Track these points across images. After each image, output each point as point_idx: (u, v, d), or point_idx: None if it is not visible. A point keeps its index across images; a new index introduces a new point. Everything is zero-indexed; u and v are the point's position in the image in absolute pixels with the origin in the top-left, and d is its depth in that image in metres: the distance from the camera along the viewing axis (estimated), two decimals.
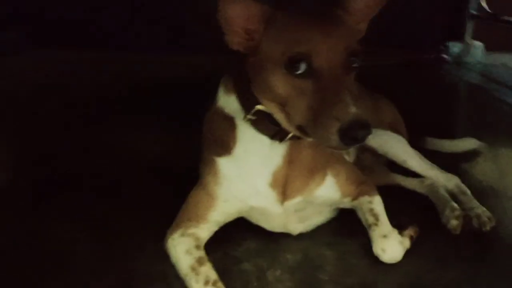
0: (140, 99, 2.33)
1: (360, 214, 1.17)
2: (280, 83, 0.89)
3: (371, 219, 1.12)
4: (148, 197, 1.40)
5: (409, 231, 1.13)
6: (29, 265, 1.10)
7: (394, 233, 1.09)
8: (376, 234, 1.09)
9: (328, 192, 1.13)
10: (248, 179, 1.05)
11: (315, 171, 1.10)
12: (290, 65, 0.86)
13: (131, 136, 1.85)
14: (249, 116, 0.98)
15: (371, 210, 1.14)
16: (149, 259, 1.11)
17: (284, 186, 1.06)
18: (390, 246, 1.07)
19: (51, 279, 1.05)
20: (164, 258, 1.06)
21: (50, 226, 1.25)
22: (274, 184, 1.05)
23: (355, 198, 1.18)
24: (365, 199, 1.17)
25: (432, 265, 1.09)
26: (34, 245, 1.18)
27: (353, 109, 0.81)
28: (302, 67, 0.86)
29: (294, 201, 1.09)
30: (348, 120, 0.80)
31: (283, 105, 0.91)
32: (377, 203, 1.16)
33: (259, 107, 0.96)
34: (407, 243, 1.11)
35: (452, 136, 1.75)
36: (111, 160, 1.65)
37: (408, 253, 1.12)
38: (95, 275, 1.06)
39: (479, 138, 1.67)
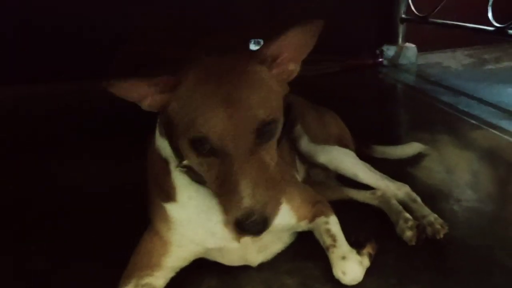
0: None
1: (317, 236, 1.14)
2: (189, 154, 0.86)
3: (328, 241, 1.10)
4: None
5: (367, 249, 1.12)
6: None
7: (352, 254, 1.07)
8: (335, 257, 1.06)
9: (284, 219, 1.09)
10: (201, 222, 0.99)
11: None
12: (194, 145, 0.83)
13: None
14: (179, 168, 0.94)
15: (328, 231, 1.12)
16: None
17: None
18: (350, 267, 1.05)
19: None
20: None
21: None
22: (228, 223, 0.99)
23: (311, 220, 1.16)
24: (321, 220, 1.15)
25: (396, 280, 1.08)
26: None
27: (247, 203, 0.78)
28: (206, 147, 0.82)
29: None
30: (241, 214, 0.79)
31: None
32: (333, 223, 1.15)
33: (185, 162, 0.92)
34: (366, 261, 1.09)
35: (395, 138, 1.80)
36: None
37: (369, 271, 1.11)
38: None
39: (421, 138, 1.73)
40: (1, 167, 1.56)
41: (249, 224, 0.79)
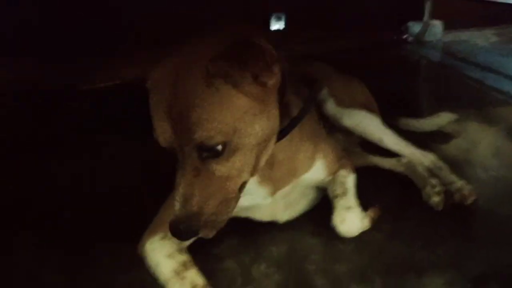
0: None
1: (329, 187, 1.14)
2: None
3: (339, 190, 1.10)
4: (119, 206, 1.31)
5: (371, 212, 1.11)
6: None
7: (357, 208, 1.08)
8: (340, 205, 1.07)
9: (317, 173, 1.11)
10: None
11: (303, 156, 1.07)
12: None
13: None
14: None
15: (343, 183, 1.12)
16: (125, 269, 1.03)
17: (273, 179, 1.01)
18: (351, 218, 1.06)
19: None
20: (140, 265, 0.99)
21: (9, 263, 1.12)
22: (262, 181, 1.00)
23: (334, 173, 1.16)
24: (341, 172, 1.15)
25: (420, 244, 1.07)
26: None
27: (177, 211, 0.79)
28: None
29: (284, 190, 1.05)
30: (171, 219, 0.80)
31: None
32: (350, 180, 1.15)
33: None
34: (366, 222, 1.09)
35: (420, 112, 1.75)
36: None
37: (392, 235, 1.10)
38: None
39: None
40: (1, 167, 1.54)
41: (175, 231, 0.79)
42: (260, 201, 1.04)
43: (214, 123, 0.75)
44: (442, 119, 1.58)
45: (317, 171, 1.11)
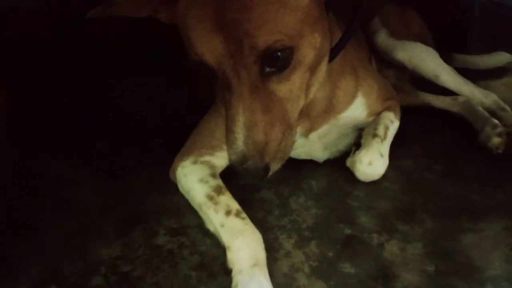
0: None
1: (372, 124, 1.03)
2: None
3: (380, 132, 1.00)
4: (152, 132, 1.26)
5: None
6: (25, 207, 0.98)
7: (387, 160, 0.99)
8: (375, 147, 0.97)
9: (354, 112, 0.99)
10: None
11: (343, 93, 0.95)
12: (199, 68, 0.70)
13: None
14: None
15: (387, 127, 1.02)
16: (159, 192, 0.99)
17: (307, 118, 0.92)
18: (378, 166, 0.97)
19: (51, 220, 0.93)
20: (174, 189, 0.95)
21: (47, 165, 1.12)
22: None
23: (378, 114, 1.06)
24: (387, 114, 1.05)
25: (475, 188, 0.97)
26: (30, 185, 1.05)
27: (240, 146, 0.66)
28: (209, 72, 0.70)
29: (320, 131, 0.96)
30: (234, 159, 0.67)
31: None
32: (395, 127, 1.05)
33: None
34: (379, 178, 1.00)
35: (475, 51, 1.59)
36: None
37: (448, 175, 1.01)
38: (103, 212, 0.95)
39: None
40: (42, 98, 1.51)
41: (243, 170, 0.67)
42: None
43: (279, 24, 0.63)
44: (499, 59, 1.44)
45: (357, 110, 0.99)
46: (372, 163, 0.96)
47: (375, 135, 0.99)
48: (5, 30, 1.40)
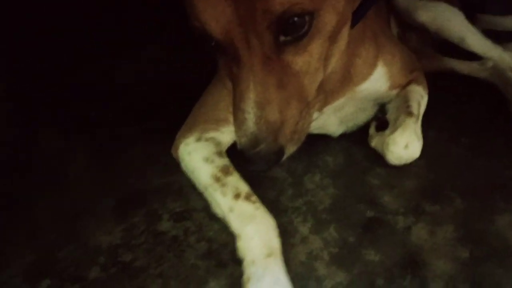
0: None
1: (399, 99, 0.93)
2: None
3: (415, 109, 0.89)
4: (151, 105, 1.17)
5: None
6: (16, 185, 0.91)
7: (422, 140, 0.87)
8: (410, 127, 0.86)
9: (375, 84, 0.89)
10: None
11: (362, 62, 0.85)
12: (199, 36, 0.60)
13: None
14: None
15: (419, 103, 0.91)
16: (159, 169, 0.91)
17: (323, 88, 0.81)
18: (415, 149, 0.85)
19: (44, 198, 0.86)
20: (176, 167, 0.87)
21: (41, 140, 1.05)
22: None
23: (403, 88, 0.95)
24: (416, 88, 0.94)
25: (508, 161, 0.88)
26: (20, 160, 0.98)
27: (250, 128, 0.57)
28: (213, 42, 0.59)
29: (335, 104, 0.86)
30: (244, 142, 0.58)
31: None
32: (425, 102, 0.94)
33: None
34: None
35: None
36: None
37: (475, 150, 0.92)
38: (103, 191, 0.88)
39: None
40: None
41: (254, 155, 0.58)
42: None
43: None
44: None
45: (377, 81, 0.89)
46: (408, 146, 0.85)
47: (409, 113, 0.88)
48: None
